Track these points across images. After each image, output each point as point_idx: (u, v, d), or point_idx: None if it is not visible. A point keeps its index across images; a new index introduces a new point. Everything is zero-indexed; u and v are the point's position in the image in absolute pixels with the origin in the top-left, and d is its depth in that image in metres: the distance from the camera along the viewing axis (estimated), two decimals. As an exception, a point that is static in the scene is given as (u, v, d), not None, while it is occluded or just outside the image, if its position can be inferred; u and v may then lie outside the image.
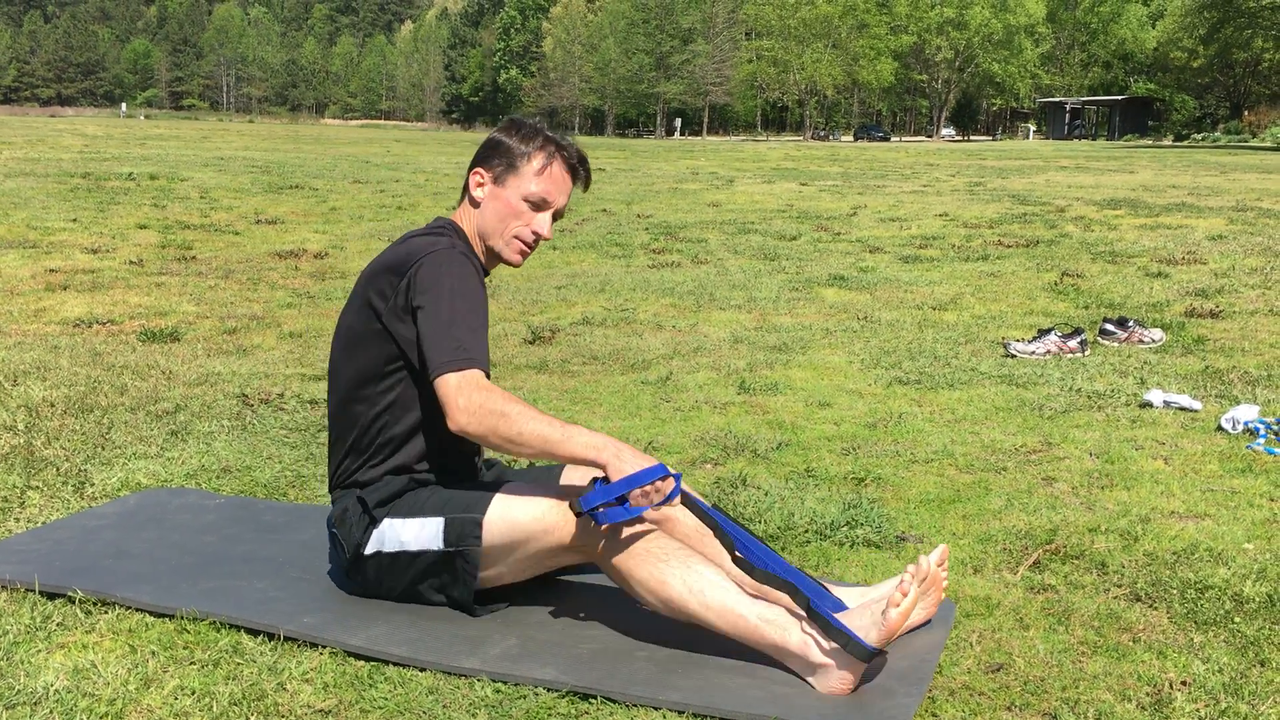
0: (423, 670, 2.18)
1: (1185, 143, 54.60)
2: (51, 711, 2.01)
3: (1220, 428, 3.96)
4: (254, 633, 2.31)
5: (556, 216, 2.52)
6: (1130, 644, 2.31)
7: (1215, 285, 7.31)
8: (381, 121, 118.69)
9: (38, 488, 3.26)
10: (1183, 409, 4.24)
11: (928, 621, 2.36)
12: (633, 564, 2.21)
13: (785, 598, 2.21)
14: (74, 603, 2.43)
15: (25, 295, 6.74)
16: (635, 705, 2.05)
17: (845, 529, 2.95)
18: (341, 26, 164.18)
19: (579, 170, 2.54)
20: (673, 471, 2.22)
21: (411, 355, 2.35)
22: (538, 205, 2.47)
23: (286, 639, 2.28)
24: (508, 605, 2.43)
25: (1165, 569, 2.69)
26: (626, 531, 2.23)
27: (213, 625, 2.34)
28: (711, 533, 2.34)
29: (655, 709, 2.04)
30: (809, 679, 2.11)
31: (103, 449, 3.65)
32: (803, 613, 2.14)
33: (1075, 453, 3.71)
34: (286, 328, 5.90)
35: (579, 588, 2.57)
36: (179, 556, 2.69)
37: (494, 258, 2.52)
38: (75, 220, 10.46)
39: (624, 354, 5.29)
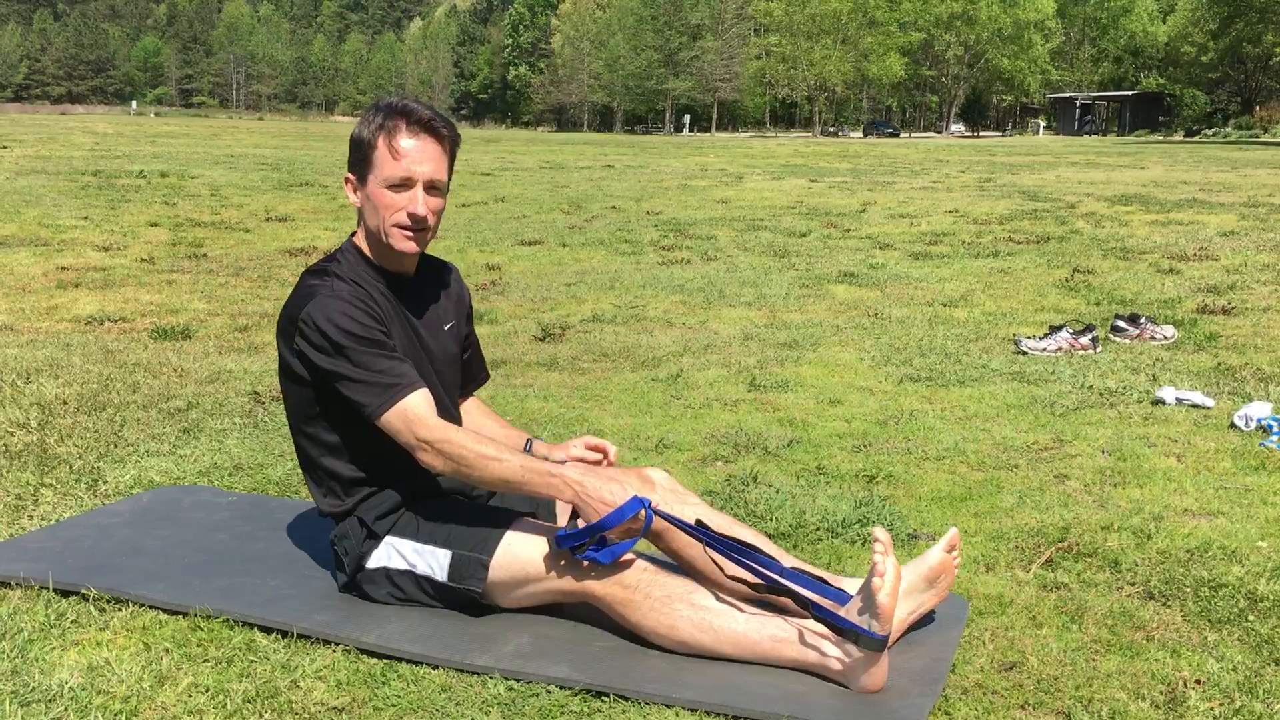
0: (435, 668, 2.18)
1: (1196, 138, 54.38)
2: (66, 709, 2.02)
3: (1233, 425, 3.94)
4: (267, 630, 2.32)
5: (432, 188, 2.35)
6: (1144, 642, 2.31)
7: (1227, 282, 7.28)
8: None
9: (51, 485, 3.27)
10: (1195, 406, 4.23)
11: (931, 615, 2.35)
12: (639, 616, 2.21)
13: (788, 602, 2.21)
14: (88, 600, 2.44)
15: (37, 293, 6.77)
16: (648, 703, 2.05)
17: (857, 526, 2.95)
18: (351, 24, 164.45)
19: (435, 128, 2.34)
20: (644, 501, 2.21)
21: (331, 398, 2.34)
22: (401, 185, 2.32)
23: (299, 636, 2.29)
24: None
25: (1178, 567, 2.68)
26: (624, 578, 2.22)
27: (226, 623, 2.34)
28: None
29: (668, 707, 2.04)
30: (841, 682, 2.11)
31: (115, 446, 3.66)
32: (809, 618, 2.14)
33: (1087, 450, 3.69)
34: (297, 325, 5.90)
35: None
36: (192, 554, 2.70)
37: (392, 255, 2.40)
38: (86, 218, 10.50)
39: (634, 351, 5.29)
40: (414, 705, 2.06)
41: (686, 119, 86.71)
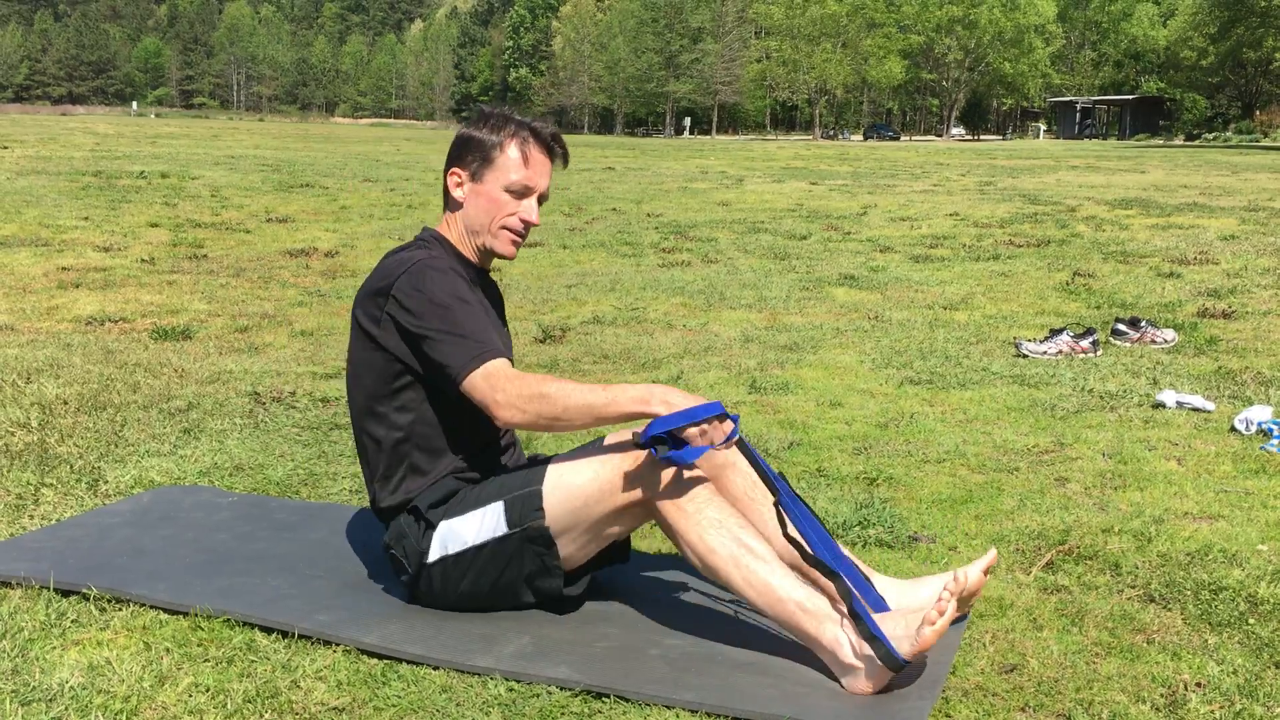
0: (436, 669, 2.18)
1: (1196, 142, 54.43)
2: (66, 708, 2.02)
3: (1233, 428, 3.95)
4: (268, 630, 2.32)
5: (541, 200, 2.48)
6: (1144, 645, 2.31)
7: (1228, 285, 7.29)
8: (391, 120, 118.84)
9: (52, 485, 3.27)
10: (1195, 410, 4.23)
11: (964, 616, 2.35)
12: (685, 524, 2.19)
13: (828, 584, 2.19)
14: (88, 600, 2.44)
15: (38, 293, 6.77)
16: (649, 704, 2.05)
17: (858, 529, 2.95)
18: (352, 25, 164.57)
19: (554, 148, 2.49)
20: (731, 413, 2.20)
21: (416, 370, 2.36)
22: (520, 193, 2.44)
23: (300, 637, 2.29)
24: (585, 586, 2.41)
25: (1179, 570, 2.68)
26: (684, 489, 2.20)
27: (227, 623, 2.34)
28: (762, 498, 2.32)
29: (669, 708, 2.04)
30: (835, 673, 2.11)
31: (116, 446, 3.66)
32: (843, 608, 2.13)
33: (1088, 453, 3.70)
34: (298, 326, 5.92)
35: (592, 586, 2.56)
36: (192, 554, 2.70)
37: (487, 254, 2.50)
38: (87, 219, 10.50)
39: (635, 353, 5.29)
40: (414, 706, 2.06)
41: (687, 122, 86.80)
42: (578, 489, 2.26)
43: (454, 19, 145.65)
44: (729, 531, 2.18)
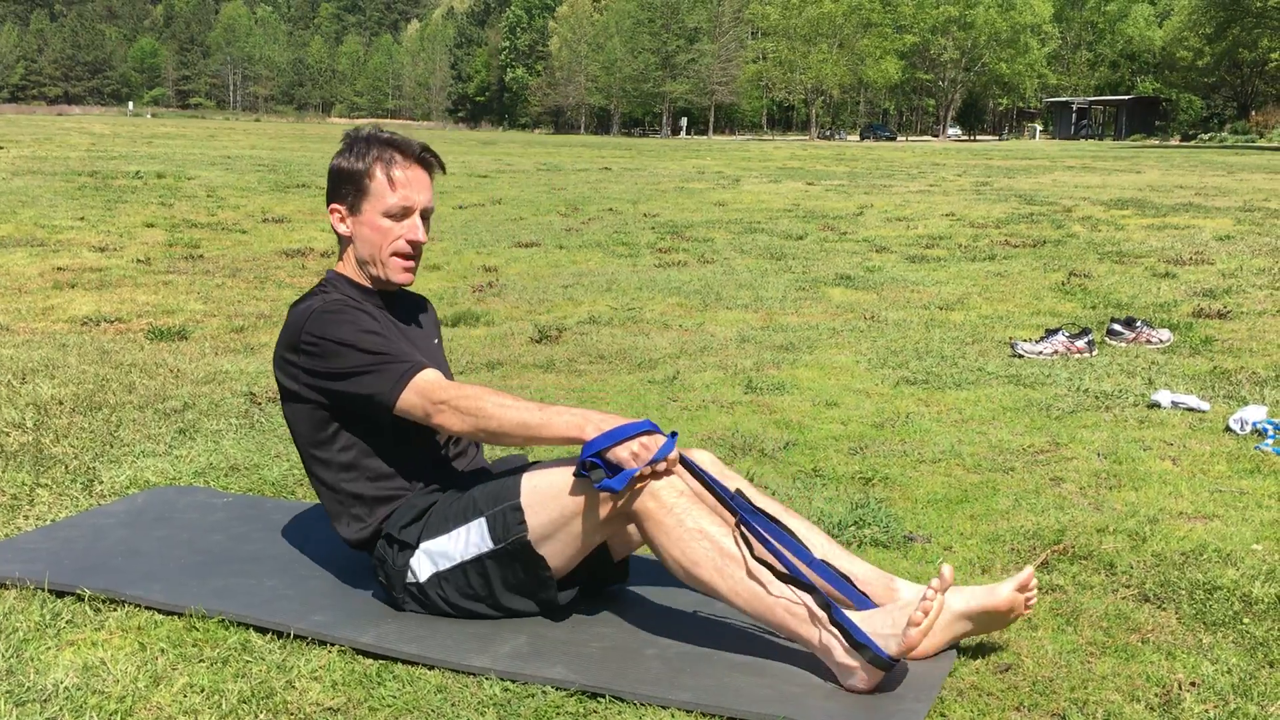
0: (431, 669, 2.18)
1: (1192, 143, 54.50)
2: (61, 709, 2.01)
3: (1228, 428, 3.95)
4: (263, 631, 2.32)
5: (425, 216, 2.45)
6: (1139, 644, 2.31)
7: (1223, 286, 7.30)
8: (388, 120, 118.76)
9: (46, 485, 3.27)
10: (1191, 410, 4.24)
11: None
12: (666, 539, 2.18)
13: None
14: (83, 600, 2.44)
15: (33, 293, 6.76)
16: (644, 704, 2.05)
17: (853, 529, 2.95)
18: (348, 25, 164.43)
19: (425, 158, 2.45)
20: (663, 432, 2.18)
21: (345, 411, 2.37)
22: (400, 215, 2.41)
23: (295, 637, 2.29)
24: (574, 595, 2.39)
25: (1174, 570, 2.69)
26: (662, 501, 2.17)
27: (222, 623, 2.34)
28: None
29: (664, 708, 2.04)
30: (831, 672, 2.12)
31: (111, 447, 3.66)
32: (824, 618, 2.11)
33: (1083, 453, 3.70)
34: (294, 326, 5.90)
35: (590, 585, 2.56)
36: (188, 554, 2.70)
37: (384, 282, 2.48)
38: (83, 219, 10.49)
39: (631, 353, 5.29)
40: (409, 706, 2.06)
41: (684, 122, 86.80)
42: (556, 503, 2.25)
43: (450, 19, 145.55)
44: (711, 541, 2.16)
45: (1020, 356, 5.22)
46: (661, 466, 2.17)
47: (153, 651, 2.23)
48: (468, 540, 2.31)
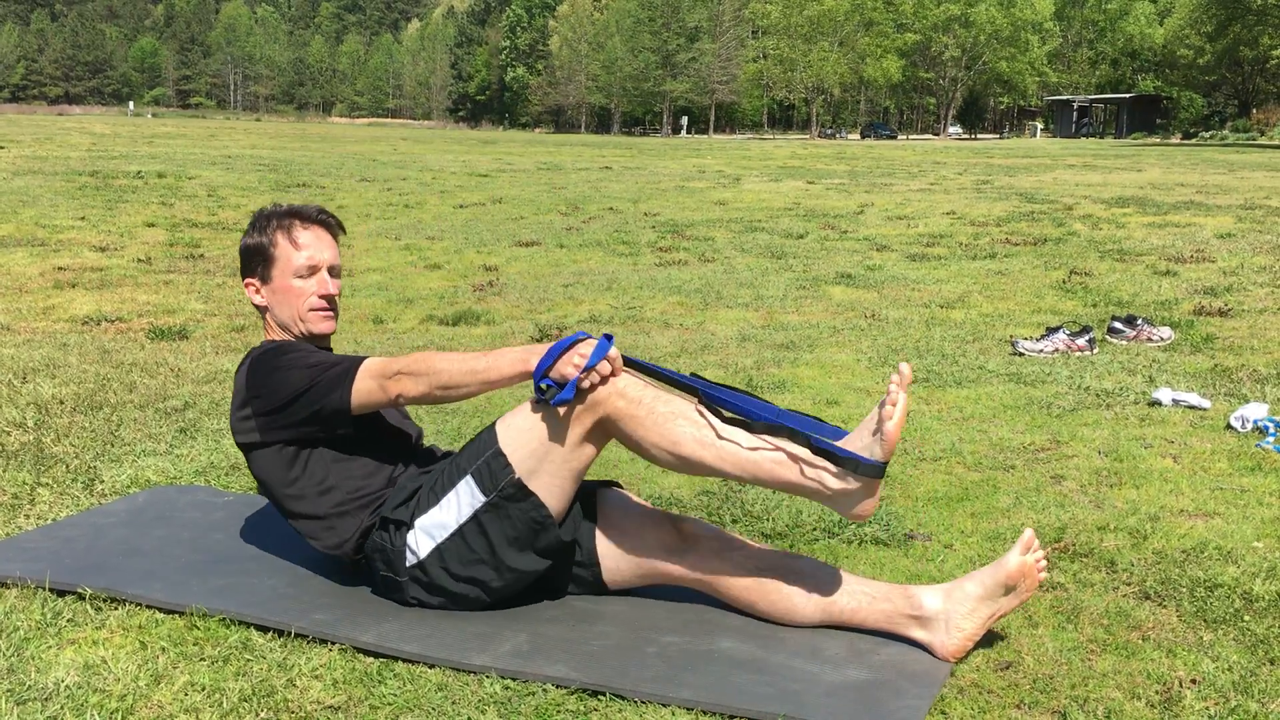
0: (432, 667, 2.18)
1: (1193, 141, 54.46)
2: (62, 707, 2.02)
3: (1229, 426, 3.95)
4: (264, 629, 2.32)
5: (333, 271, 2.59)
6: (1139, 642, 2.31)
7: (1224, 283, 7.29)
8: (388, 120, 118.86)
9: (48, 485, 3.27)
10: (1191, 407, 4.23)
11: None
12: (643, 429, 2.24)
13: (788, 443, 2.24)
14: (84, 599, 2.44)
15: (34, 293, 6.76)
16: (645, 702, 2.05)
17: (853, 527, 2.95)
18: (349, 25, 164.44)
19: (322, 220, 2.61)
20: (595, 337, 2.26)
21: (305, 438, 2.44)
22: (308, 274, 2.55)
23: (296, 635, 2.29)
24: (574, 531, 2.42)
25: (1174, 567, 2.69)
26: (630, 397, 2.24)
27: (222, 622, 2.34)
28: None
29: (665, 706, 2.04)
30: (833, 508, 2.19)
31: (112, 446, 3.66)
32: (807, 453, 2.19)
33: (1084, 451, 3.70)
34: (294, 326, 5.91)
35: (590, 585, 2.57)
36: (188, 553, 2.70)
37: (311, 338, 2.59)
38: (83, 218, 10.49)
39: (631, 352, 5.29)
40: (410, 704, 2.06)
41: (684, 121, 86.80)
42: (533, 431, 2.30)
43: (451, 18, 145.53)
44: (686, 419, 2.24)
45: (1021, 354, 5.22)
46: (605, 368, 2.23)
47: (154, 650, 2.23)
48: (459, 503, 2.34)
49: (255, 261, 2.57)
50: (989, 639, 2.31)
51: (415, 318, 6.24)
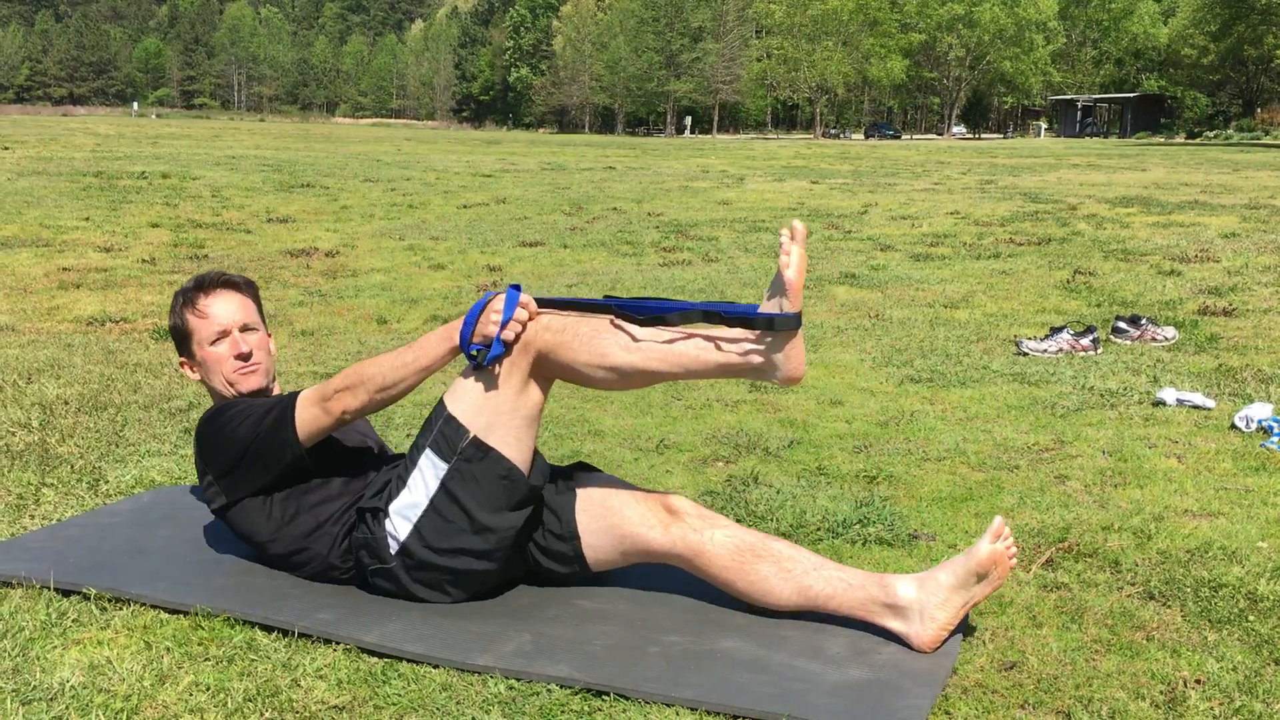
0: (436, 667, 2.18)
1: (1198, 140, 54.36)
2: (67, 707, 2.02)
3: (1234, 426, 3.95)
4: (268, 629, 2.32)
5: (246, 329, 2.70)
6: (1144, 642, 2.31)
7: (1228, 283, 7.28)
8: (392, 120, 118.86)
9: (52, 485, 3.28)
10: (1196, 407, 4.23)
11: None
12: (572, 354, 2.31)
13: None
14: (89, 599, 2.44)
15: (38, 294, 6.77)
16: (648, 702, 2.06)
17: (857, 527, 2.95)
18: (352, 25, 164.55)
19: (224, 282, 2.72)
20: (500, 292, 2.34)
21: (270, 482, 2.51)
22: (220, 339, 2.67)
23: (300, 635, 2.29)
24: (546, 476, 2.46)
25: (1179, 567, 2.68)
26: (554, 330, 2.32)
27: (227, 622, 2.35)
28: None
29: (668, 705, 2.04)
30: (773, 379, 2.25)
31: (116, 446, 3.67)
32: (725, 331, 2.26)
33: (1088, 451, 3.70)
34: (298, 326, 5.92)
35: (592, 583, 2.57)
36: (193, 553, 2.71)
37: (246, 395, 2.68)
38: (88, 219, 10.51)
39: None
40: (414, 704, 2.06)
41: (688, 121, 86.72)
42: (476, 389, 2.36)
43: (454, 19, 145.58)
44: (607, 332, 2.31)
45: (1025, 354, 5.22)
46: (522, 314, 2.32)
47: (158, 650, 2.24)
48: (424, 479, 2.38)
49: (179, 342, 2.72)
50: (991, 639, 2.31)
51: (419, 318, 6.24)
